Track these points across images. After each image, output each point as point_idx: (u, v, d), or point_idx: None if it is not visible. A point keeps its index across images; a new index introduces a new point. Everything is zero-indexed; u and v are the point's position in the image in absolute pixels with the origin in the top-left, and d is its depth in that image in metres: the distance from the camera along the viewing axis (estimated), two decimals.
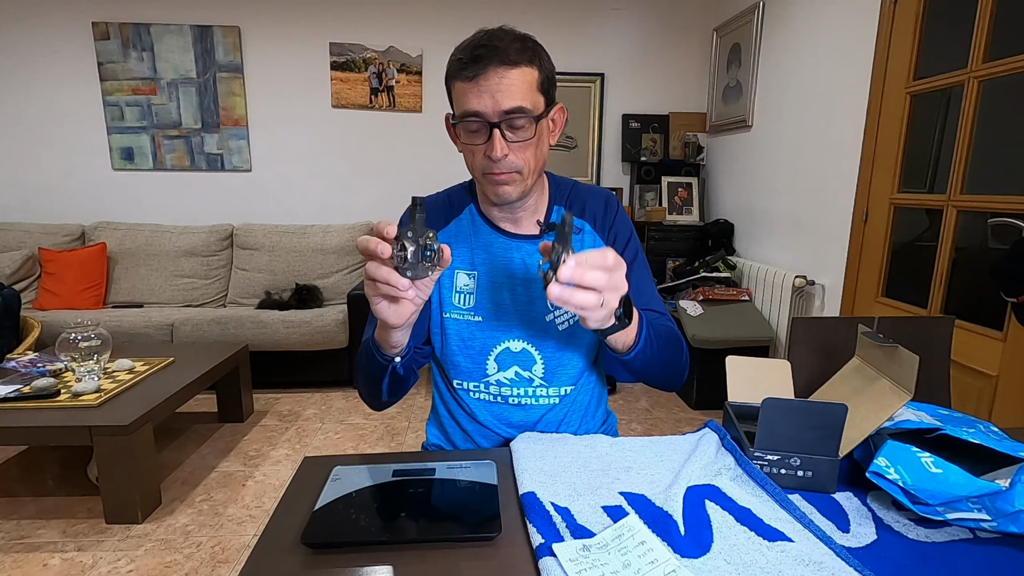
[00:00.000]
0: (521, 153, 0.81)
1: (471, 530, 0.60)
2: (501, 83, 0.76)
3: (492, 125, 0.78)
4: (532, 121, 0.79)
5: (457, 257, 0.92)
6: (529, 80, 0.79)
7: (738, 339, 2.59)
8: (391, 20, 3.39)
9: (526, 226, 0.92)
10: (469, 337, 0.92)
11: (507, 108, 0.77)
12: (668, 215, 3.42)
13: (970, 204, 1.73)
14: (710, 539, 0.58)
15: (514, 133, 0.79)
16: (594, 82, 3.54)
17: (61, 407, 1.80)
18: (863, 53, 2.12)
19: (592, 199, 0.95)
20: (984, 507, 0.61)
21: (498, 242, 0.92)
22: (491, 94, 0.76)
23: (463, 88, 0.78)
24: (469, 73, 0.77)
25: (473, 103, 0.77)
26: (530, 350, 0.92)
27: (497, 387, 0.93)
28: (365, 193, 3.59)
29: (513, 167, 0.81)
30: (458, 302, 0.92)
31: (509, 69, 0.77)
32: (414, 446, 2.39)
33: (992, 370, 1.62)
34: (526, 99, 0.78)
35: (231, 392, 2.57)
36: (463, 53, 0.78)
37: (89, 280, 3.12)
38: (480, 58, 0.76)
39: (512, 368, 0.93)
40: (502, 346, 0.92)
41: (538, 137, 0.81)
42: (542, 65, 0.81)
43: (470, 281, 0.92)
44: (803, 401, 0.73)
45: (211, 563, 1.64)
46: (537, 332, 0.92)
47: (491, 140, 0.78)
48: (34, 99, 3.31)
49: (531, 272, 0.91)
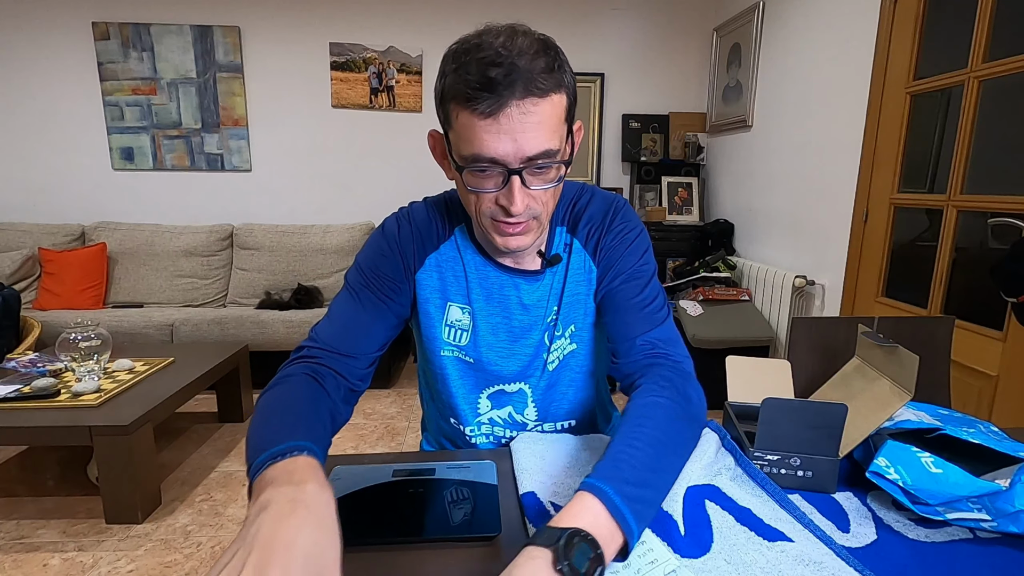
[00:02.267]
0: (541, 198, 0.67)
1: (471, 530, 0.60)
2: (526, 121, 0.60)
3: (510, 172, 0.63)
4: (560, 164, 0.65)
5: (450, 287, 0.81)
6: (558, 112, 0.63)
7: (738, 339, 2.59)
8: (391, 20, 3.39)
9: (527, 260, 0.81)
10: (461, 376, 0.84)
11: (532, 154, 0.61)
12: (668, 215, 3.42)
13: (970, 204, 1.73)
14: (710, 539, 0.58)
15: (536, 179, 0.65)
16: (594, 82, 3.54)
17: (61, 407, 1.80)
18: (863, 53, 2.12)
19: (592, 208, 0.81)
20: (984, 507, 0.61)
21: (493, 276, 0.80)
22: (512, 136, 0.60)
23: (472, 123, 0.60)
24: (482, 108, 0.59)
25: (488, 147, 0.61)
26: (525, 390, 0.85)
27: (491, 426, 0.87)
28: (365, 193, 3.59)
29: (531, 214, 0.68)
30: (448, 337, 0.82)
31: (537, 102, 0.60)
32: (414, 446, 2.38)
33: (992, 370, 1.62)
34: (553, 138, 0.62)
35: (231, 392, 2.57)
36: (470, 73, 0.59)
37: (89, 280, 3.12)
38: (496, 85, 0.58)
39: (507, 408, 0.86)
40: (496, 388, 0.85)
41: (562, 179, 0.68)
42: (569, 84, 0.64)
43: (463, 316, 0.81)
44: (803, 401, 0.73)
45: (211, 563, 1.63)
46: (533, 372, 0.84)
47: (508, 188, 0.64)
48: (34, 99, 3.32)
49: (530, 311, 0.81)
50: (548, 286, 0.81)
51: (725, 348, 2.55)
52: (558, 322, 0.82)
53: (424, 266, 0.80)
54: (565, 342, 0.84)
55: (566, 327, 0.83)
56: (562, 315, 0.82)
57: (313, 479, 0.48)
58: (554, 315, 0.82)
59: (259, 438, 0.55)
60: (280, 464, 0.50)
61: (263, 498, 0.46)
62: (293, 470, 0.49)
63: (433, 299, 0.81)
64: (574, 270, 0.81)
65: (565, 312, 0.82)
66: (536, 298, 0.81)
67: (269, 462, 0.51)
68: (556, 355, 0.84)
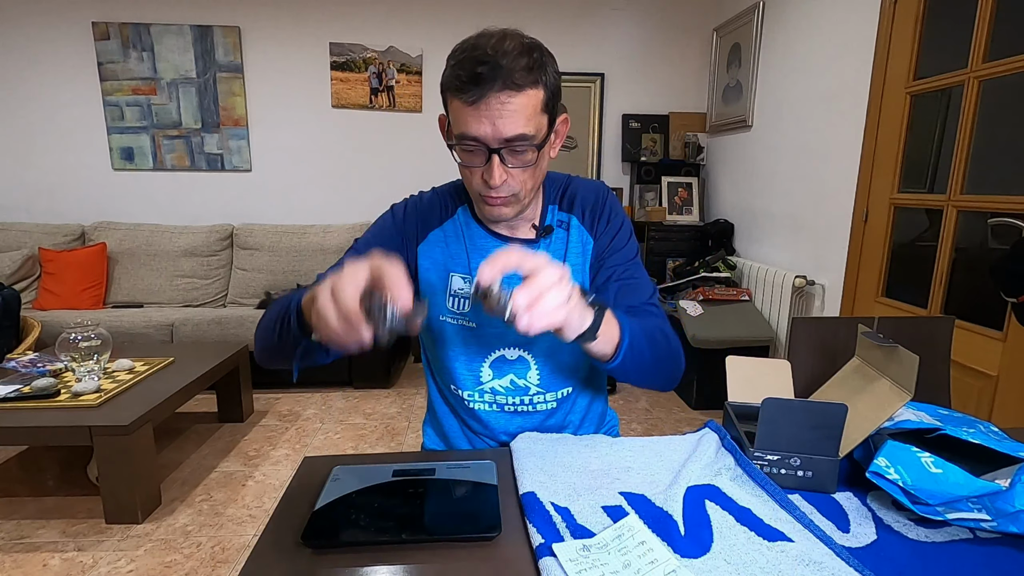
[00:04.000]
0: (519, 177, 0.78)
1: (471, 530, 0.60)
2: (503, 110, 0.71)
3: (491, 151, 0.74)
4: (534, 147, 0.76)
5: (452, 258, 0.90)
6: (534, 104, 0.74)
7: (738, 339, 2.59)
8: (391, 20, 3.39)
9: (522, 230, 0.90)
10: (463, 343, 0.90)
11: (508, 136, 0.73)
12: (668, 215, 3.42)
13: (970, 204, 1.73)
14: (710, 539, 0.58)
15: (514, 159, 0.76)
16: (594, 82, 3.54)
17: (61, 407, 1.80)
18: (863, 53, 2.12)
19: (583, 191, 0.92)
20: (984, 507, 0.61)
21: (492, 245, 0.89)
22: (491, 121, 0.72)
23: (461, 109, 0.73)
24: (468, 97, 0.71)
25: (472, 128, 0.73)
26: (526, 357, 0.90)
27: (492, 395, 0.91)
28: (365, 193, 3.59)
29: (510, 191, 0.78)
30: (452, 306, 0.90)
31: (513, 95, 0.71)
32: (414, 446, 2.39)
33: (992, 370, 1.62)
34: (529, 125, 0.74)
35: (231, 392, 2.57)
36: (463, 68, 0.72)
37: (89, 280, 3.12)
38: (481, 80, 0.70)
39: (508, 376, 0.91)
40: (497, 353, 0.90)
41: (539, 158, 0.78)
42: (548, 82, 0.76)
43: (465, 285, 0.89)
44: (803, 401, 0.73)
45: (211, 563, 1.64)
46: (532, 339, 0.89)
47: (489, 165, 0.75)
48: (34, 99, 3.31)
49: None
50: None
51: (725, 348, 2.55)
52: None
53: (427, 239, 0.91)
54: None
55: None
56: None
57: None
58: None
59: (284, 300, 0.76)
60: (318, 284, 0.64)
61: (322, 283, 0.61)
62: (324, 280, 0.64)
63: (436, 269, 0.90)
64: (573, 242, 0.90)
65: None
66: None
67: (308, 289, 0.68)
68: None
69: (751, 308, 2.76)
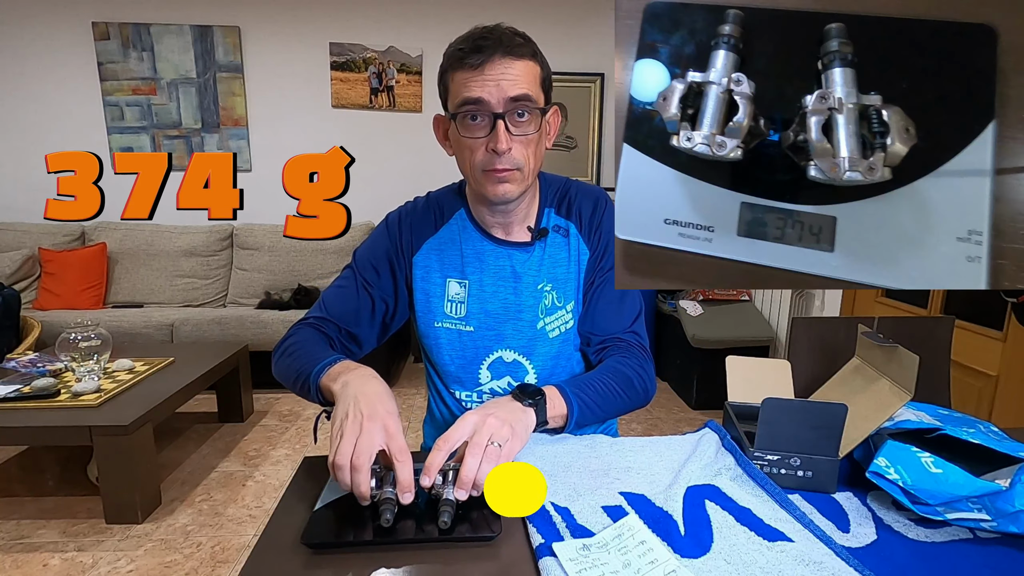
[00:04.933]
0: (523, 149, 0.79)
1: (471, 530, 0.60)
2: (507, 72, 0.75)
3: (496, 116, 0.76)
4: (537, 113, 0.78)
5: (448, 264, 0.91)
6: (533, 73, 0.78)
7: (738, 339, 2.59)
8: (391, 20, 3.39)
9: (517, 232, 0.91)
10: (461, 346, 0.92)
11: (514, 95, 0.75)
12: None
13: None
14: (710, 539, 0.58)
15: (518, 127, 0.77)
16: (594, 82, 3.54)
17: (61, 407, 1.80)
18: None
19: (581, 198, 0.93)
20: (984, 507, 0.61)
21: (488, 249, 0.91)
22: (496, 82, 0.74)
23: (464, 77, 0.76)
24: (472, 61, 0.74)
25: (476, 91, 0.75)
26: (522, 361, 0.91)
27: (491, 396, 0.92)
28: (365, 193, 3.58)
29: (515, 163, 0.79)
30: (450, 311, 0.91)
31: (514, 60, 0.76)
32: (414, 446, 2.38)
33: (992, 370, 1.62)
34: (531, 89, 0.77)
35: (231, 392, 2.57)
36: (464, 43, 0.76)
37: (89, 280, 3.12)
38: (484, 48, 0.74)
39: (505, 378, 0.92)
40: (495, 355, 0.91)
41: (540, 134, 0.80)
42: (542, 62, 0.80)
43: (461, 290, 0.91)
44: (803, 401, 0.73)
45: (211, 563, 1.64)
46: (528, 341, 0.91)
47: (495, 132, 0.76)
48: (34, 99, 3.31)
49: (522, 280, 0.90)
50: (539, 259, 0.91)
51: (725, 348, 2.55)
52: (556, 295, 0.91)
53: (422, 249, 0.92)
54: (566, 315, 0.92)
55: (567, 301, 0.92)
56: (561, 290, 0.92)
57: (361, 366, 0.75)
58: (549, 286, 0.91)
59: (307, 357, 0.80)
60: (336, 365, 0.76)
61: (342, 379, 0.72)
62: (347, 364, 0.76)
63: (431, 276, 0.92)
64: (571, 252, 0.91)
65: (563, 287, 0.92)
66: (527, 268, 0.91)
67: (327, 367, 0.76)
68: (556, 325, 0.92)
69: (751, 308, 2.77)
